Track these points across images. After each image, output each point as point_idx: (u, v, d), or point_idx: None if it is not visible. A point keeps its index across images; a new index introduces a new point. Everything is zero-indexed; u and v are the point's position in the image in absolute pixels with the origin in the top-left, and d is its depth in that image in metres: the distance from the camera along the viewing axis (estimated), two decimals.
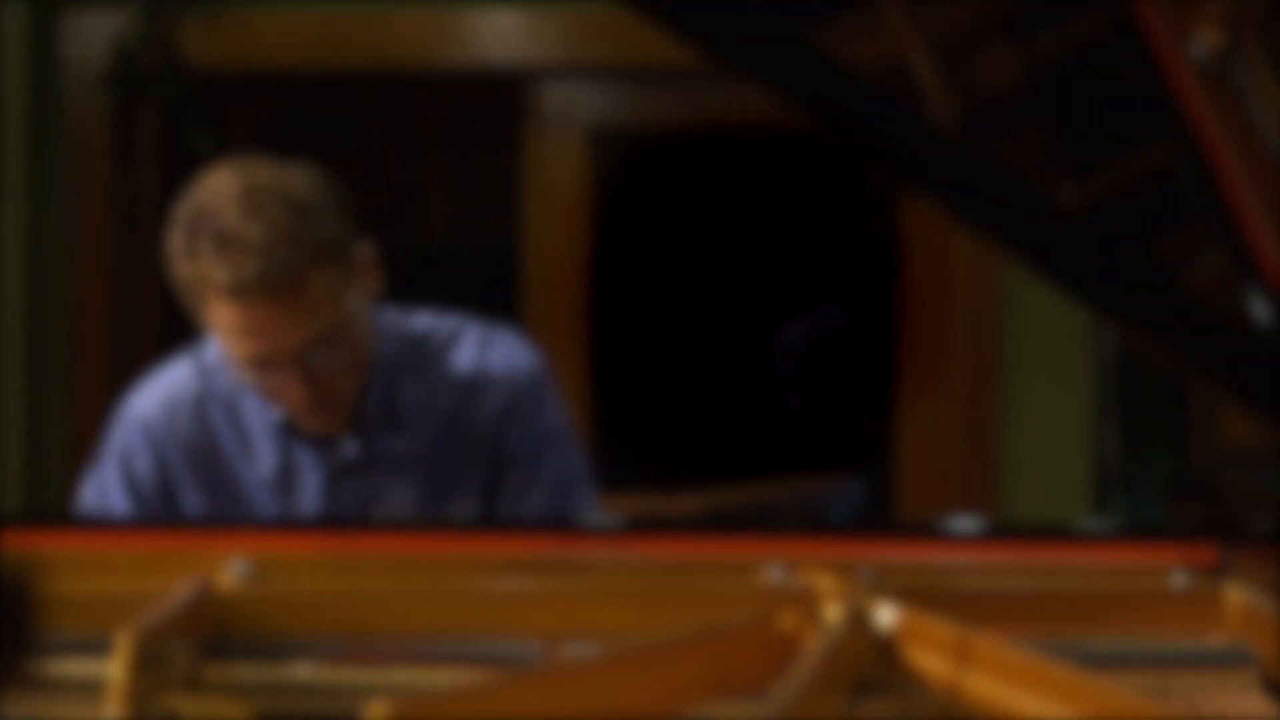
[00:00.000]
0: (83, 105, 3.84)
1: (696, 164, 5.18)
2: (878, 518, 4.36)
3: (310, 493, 2.13)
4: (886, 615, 1.49)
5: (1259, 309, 1.63)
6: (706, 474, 4.07)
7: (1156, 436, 3.79)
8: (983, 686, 1.42)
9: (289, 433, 2.12)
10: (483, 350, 2.18)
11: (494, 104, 4.07)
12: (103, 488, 2.16)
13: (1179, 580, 1.62)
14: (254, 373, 2.01)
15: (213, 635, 1.52)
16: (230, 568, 1.61)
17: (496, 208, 5.10)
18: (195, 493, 2.13)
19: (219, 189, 1.98)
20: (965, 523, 1.71)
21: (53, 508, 3.78)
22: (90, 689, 1.43)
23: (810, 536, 1.71)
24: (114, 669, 1.36)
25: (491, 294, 2.30)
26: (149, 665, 1.38)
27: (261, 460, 2.13)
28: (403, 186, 5.32)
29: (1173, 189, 1.66)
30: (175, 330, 4.12)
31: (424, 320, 2.20)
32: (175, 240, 1.99)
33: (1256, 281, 1.63)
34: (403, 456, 2.13)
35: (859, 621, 1.48)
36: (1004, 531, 1.75)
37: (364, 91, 4.41)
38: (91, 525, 1.95)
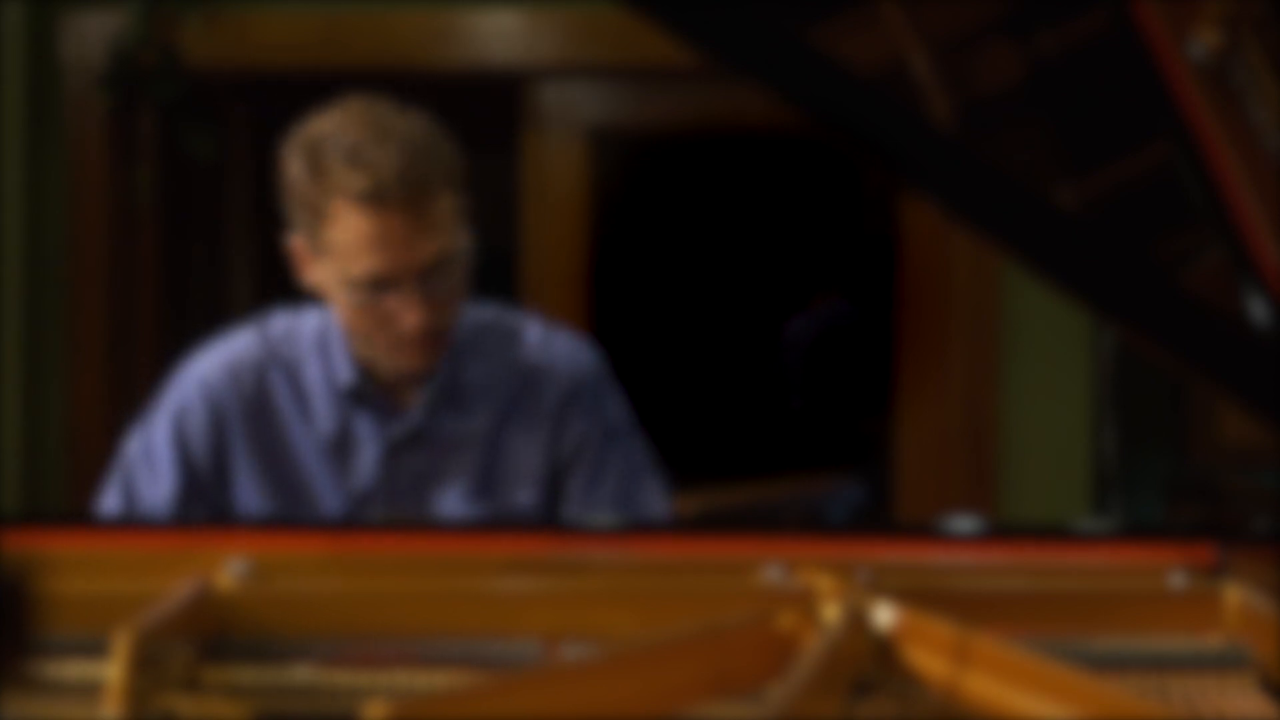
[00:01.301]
0: (82, 105, 3.84)
1: (695, 164, 5.18)
2: (877, 518, 4.36)
3: (368, 463, 2.11)
4: (885, 615, 1.49)
5: (1258, 309, 1.63)
6: (706, 474, 4.07)
7: (1155, 436, 3.80)
8: (981, 686, 1.42)
9: (353, 399, 2.11)
10: (547, 341, 2.19)
11: (494, 104, 4.07)
12: (148, 445, 2.13)
13: (1178, 580, 1.62)
14: (370, 294, 1.99)
15: (212, 636, 1.52)
16: (229, 568, 1.61)
17: (496, 208, 5.10)
18: (249, 458, 2.11)
19: (343, 117, 2.04)
20: (964, 523, 1.71)
21: (53, 508, 3.78)
22: (89, 689, 1.43)
23: (809, 536, 1.71)
24: (113, 669, 1.36)
25: (491, 294, 2.30)
26: (148, 665, 1.38)
27: (319, 423, 2.12)
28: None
29: (1172, 189, 1.66)
30: (176, 330, 4.13)
31: (488, 310, 2.22)
32: (294, 164, 2.04)
33: (1256, 282, 1.63)
34: (463, 436, 2.12)
35: (858, 622, 1.48)
36: (1003, 531, 1.74)
37: (364, 91, 4.40)
38: (91, 525, 1.95)
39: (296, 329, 2.17)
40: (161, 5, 3.77)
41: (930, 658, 1.46)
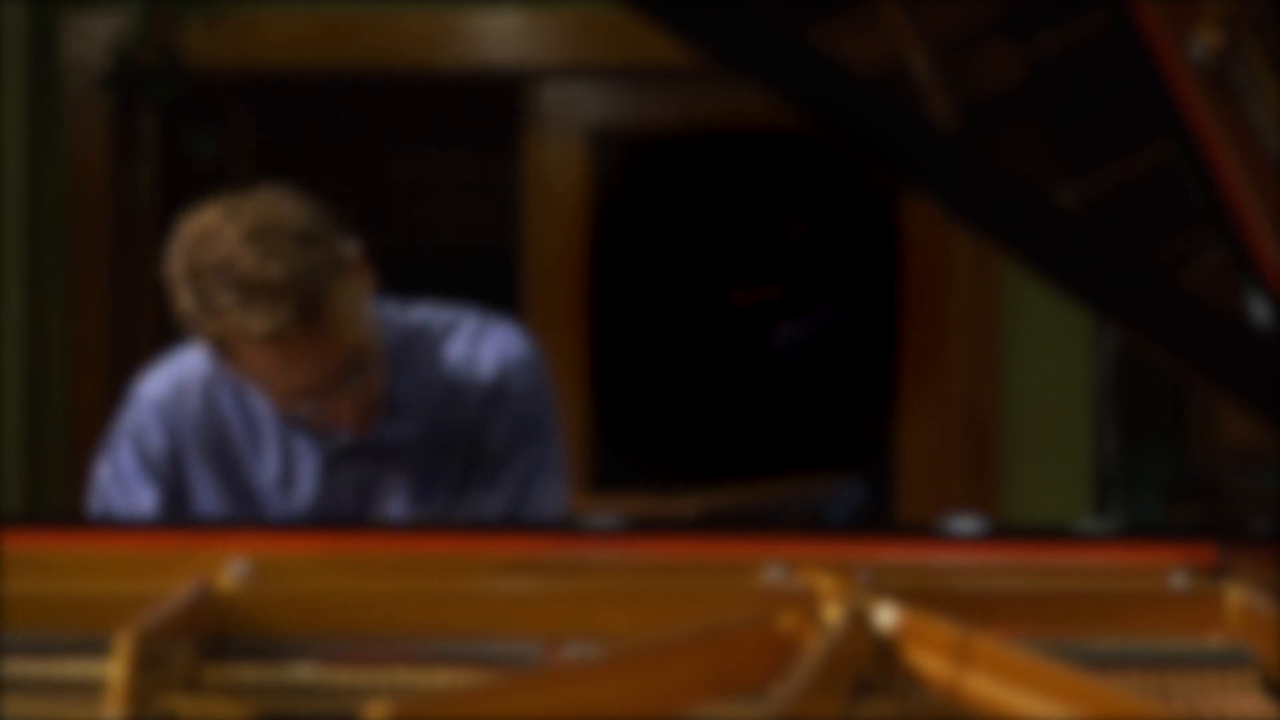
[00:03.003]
0: (82, 105, 3.84)
1: (696, 164, 5.18)
2: (878, 518, 4.36)
3: (307, 480, 2.13)
4: (886, 616, 1.49)
5: (1258, 309, 1.63)
6: (706, 474, 4.07)
7: (1156, 437, 3.80)
8: (982, 687, 1.42)
9: (289, 420, 2.12)
10: (474, 342, 2.18)
11: (494, 104, 4.07)
12: (116, 468, 2.16)
13: (1179, 581, 1.62)
14: (303, 405, 2.02)
15: (213, 636, 1.52)
16: (230, 568, 1.61)
17: (496, 208, 5.10)
18: (203, 469, 2.14)
19: (219, 237, 1.98)
20: (965, 523, 1.71)
21: (52, 508, 3.78)
22: (90, 689, 1.43)
23: (810, 537, 1.71)
24: (114, 669, 1.36)
25: (491, 294, 2.30)
26: (149, 665, 1.38)
27: (267, 458, 2.14)
28: (403, 186, 5.32)
29: (1172, 189, 1.66)
30: (175, 330, 4.12)
31: (421, 312, 2.21)
32: (187, 300, 1.98)
33: (1256, 282, 1.63)
34: (397, 446, 2.13)
35: (859, 622, 1.48)
36: (1004, 532, 1.75)
37: (364, 91, 4.41)
38: (91, 525, 1.95)
39: None
40: (162, 5, 3.77)
41: (931, 658, 1.46)
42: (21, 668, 1.47)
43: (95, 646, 1.46)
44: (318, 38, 3.80)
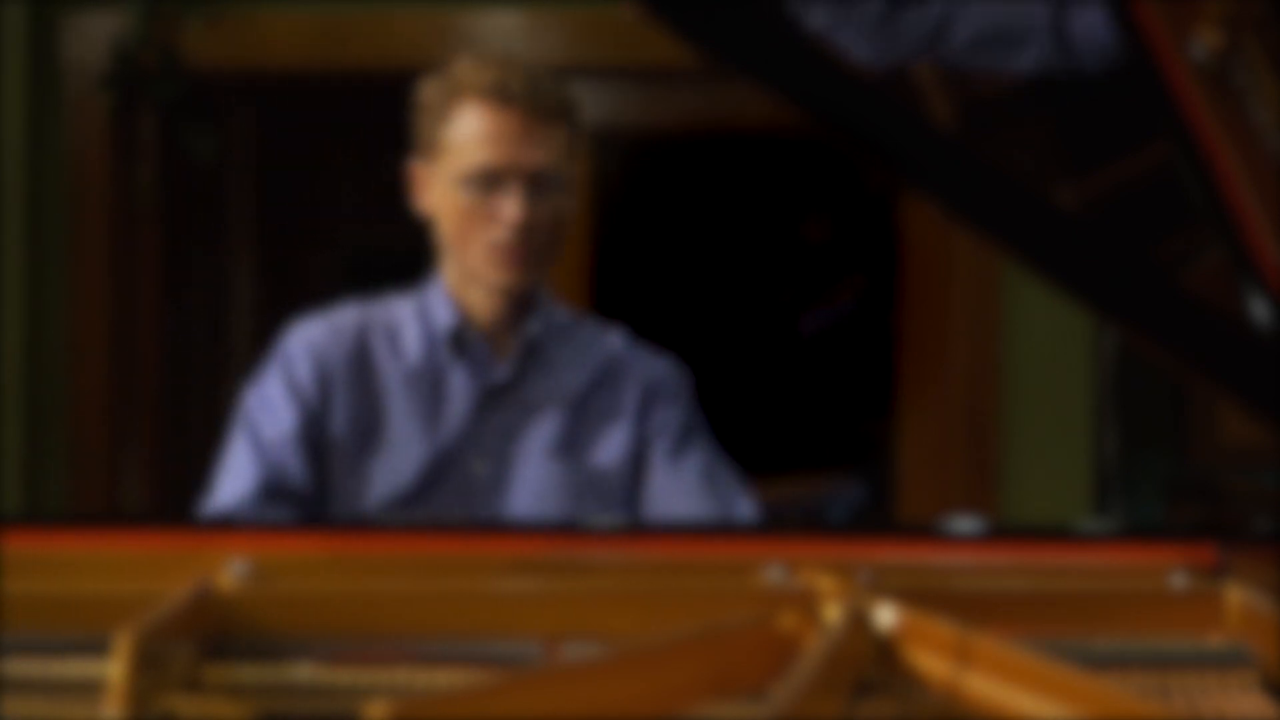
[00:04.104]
0: (82, 105, 3.84)
1: (697, 164, 5.17)
2: (878, 518, 4.36)
3: (457, 414, 2.19)
4: (886, 616, 1.49)
5: (1259, 309, 1.63)
6: None
7: (1156, 436, 3.80)
8: (983, 687, 1.43)
9: (450, 345, 2.19)
10: (632, 343, 2.30)
11: None
12: (262, 394, 2.20)
13: (1179, 581, 1.62)
14: (478, 190, 2.12)
15: (213, 636, 1.52)
16: (230, 568, 1.61)
17: None
18: (346, 406, 2.18)
19: (478, 55, 2.21)
20: (965, 523, 1.71)
21: (53, 508, 3.78)
22: (90, 689, 1.43)
23: (810, 537, 1.71)
24: (114, 669, 1.36)
25: None
26: (149, 666, 1.38)
27: (412, 401, 2.19)
28: (403, 186, 5.31)
29: (1172, 189, 1.66)
30: (176, 330, 4.13)
31: (575, 311, 2.33)
32: (426, 84, 2.19)
33: (1256, 282, 1.63)
34: (551, 395, 2.21)
35: (859, 622, 1.48)
36: (1004, 532, 1.74)
37: (364, 91, 4.41)
38: (91, 525, 1.95)
39: (395, 304, 2.27)
40: (162, 6, 3.77)
41: (931, 658, 1.46)
42: (21, 668, 1.47)
43: (95, 646, 1.46)
44: (318, 38, 3.81)
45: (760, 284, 5.64)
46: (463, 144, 2.13)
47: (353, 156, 5.12)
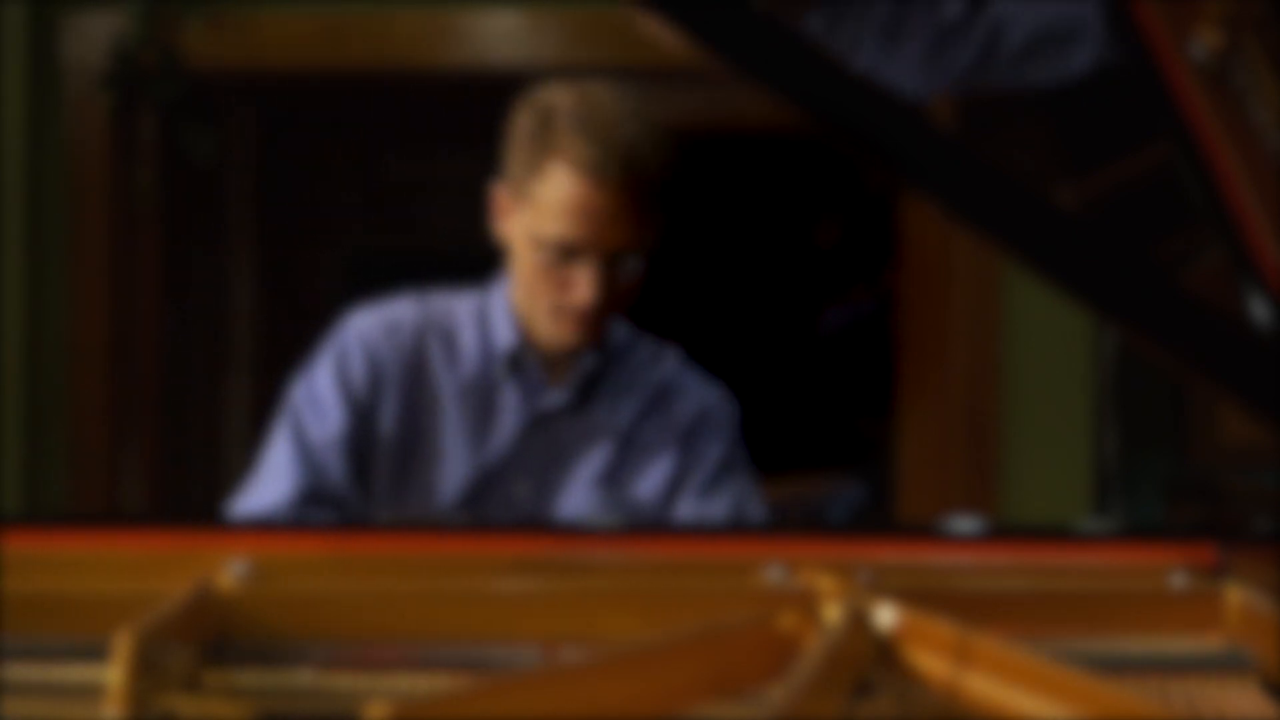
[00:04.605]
0: (82, 105, 3.84)
1: (696, 164, 5.17)
2: (878, 518, 4.36)
3: (506, 432, 2.17)
4: (886, 616, 1.49)
5: (1259, 309, 1.63)
6: None
7: (1156, 436, 3.79)
8: (982, 687, 1.42)
9: (508, 364, 2.17)
10: (685, 365, 2.28)
11: (494, 104, 4.06)
12: (311, 389, 2.16)
13: (1178, 581, 1.62)
14: (554, 257, 2.06)
15: (213, 637, 1.52)
16: (230, 569, 1.61)
17: None
18: (395, 409, 2.15)
19: (585, 93, 2.11)
20: (965, 523, 1.71)
21: (53, 508, 3.78)
22: (90, 691, 1.43)
23: (810, 537, 1.71)
24: (113, 671, 1.35)
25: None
26: (148, 667, 1.38)
27: (464, 409, 2.17)
28: (403, 186, 5.31)
29: (1172, 189, 1.66)
30: (176, 330, 4.13)
31: (631, 329, 2.29)
32: (526, 119, 2.12)
33: (1256, 282, 1.63)
34: (601, 425, 2.19)
35: (859, 622, 1.48)
36: (1004, 532, 1.74)
37: (364, 91, 4.41)
38: (91, 525, 1.95)
39: (455, 304, 2.23)
40: (162, 5, 3.77)
41: (931, 658, 1.46)
42: (21, 669, 1.47)
43: (95, 647, 1.46)
44: (318, 38, 3.80)
45: (759, 285, 5.64)
46: (548, 207, 2.05)
47: (353, 156, 5.13)
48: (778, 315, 5.50)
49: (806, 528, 1.79)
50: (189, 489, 4.20)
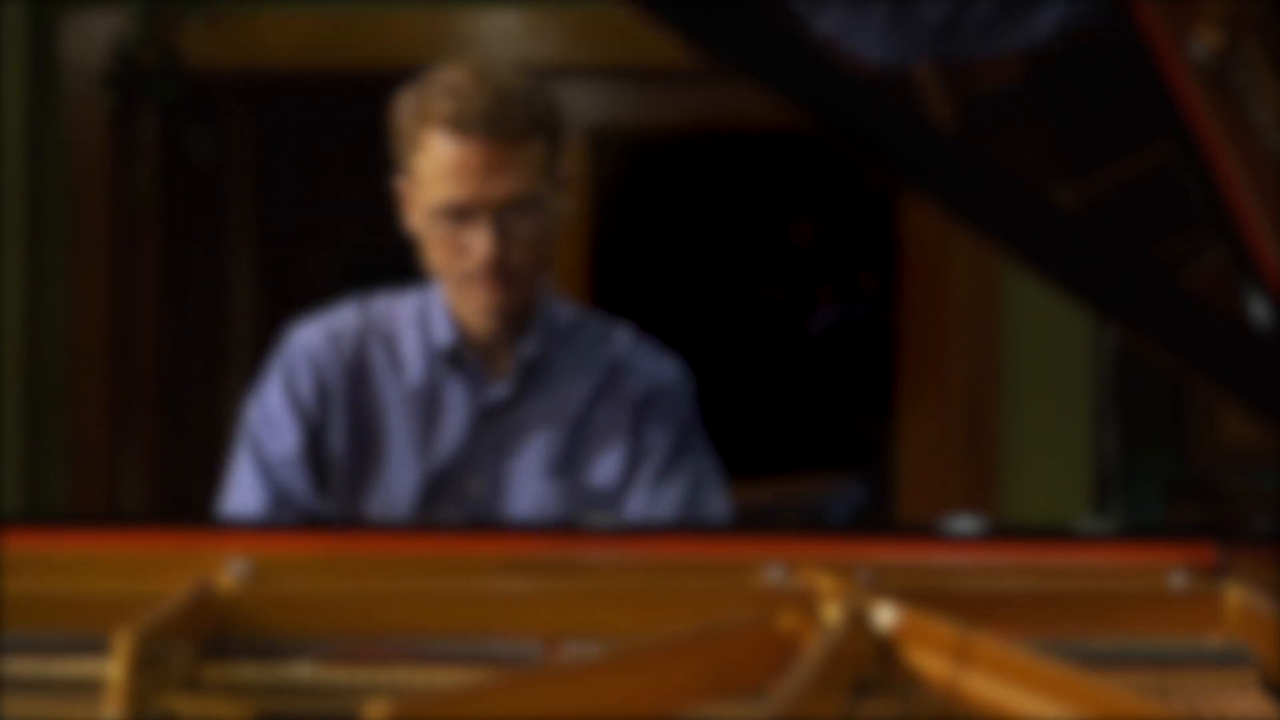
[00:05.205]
0: (82, 105, 3.84)
1: (696, 164, 5.18)
2: (878, 518, 4.36)
3: (453, 431, 2.16)
4: (886, 616, 1.49)
5: (1258, 309, 1.63)
6: None
7: (1156, 437, 3.79)
8: (982, 687, 1.42)
9: (448, 361, 2.17)
10: (635, 343, 2.26)
11: None
12: (265, 409, 2.18)
13: (1178, 581, 1.62)
14: (448, 224, 2.07)
15: (212, 635, 1.52)
16: (230, 568, 1.61)
17: None
18: (343, 418, 2.16)
19: (455, 68, 2.11)
20: (965, 523, 1.71)
21: (53, 508, 3.78)
22: (90, 689, 1.43)
23: (810, 537, 1.71)
24: (114, 669, 1.36)
25: None
26: (149, 665, 1.38)
27: (409, 413, 2.17)
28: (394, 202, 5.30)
29: (1172, 189, 1.66)
30: (176, 330, 4.12)
31: (584, 312, 2.29)
32: (402, 102, 2.12)
33: (1256, 282, 1.63)
34: (549, 413, 2.18)
35: (858, 622, 1.48)
36: (1004, 532, 1.74)
37: (364, 91, 4.41)
38: (91, 525, 1.95)
39: (395, 306, 2.24)
40: (162, 6, 3.77)
41: (931, 658, 1.46)
42: (21, 667, 1.47)
43: (95, 646, 1.46)
44: (318, 38, 3.81)
45: (759, 284, 5.64)
46: (429, 177, 2.08)
47: (353, 156, 5.12)
48: (778, 315, 5.50)
49: (806, 528, 1.79)
50: (189, 489, 4.19)
